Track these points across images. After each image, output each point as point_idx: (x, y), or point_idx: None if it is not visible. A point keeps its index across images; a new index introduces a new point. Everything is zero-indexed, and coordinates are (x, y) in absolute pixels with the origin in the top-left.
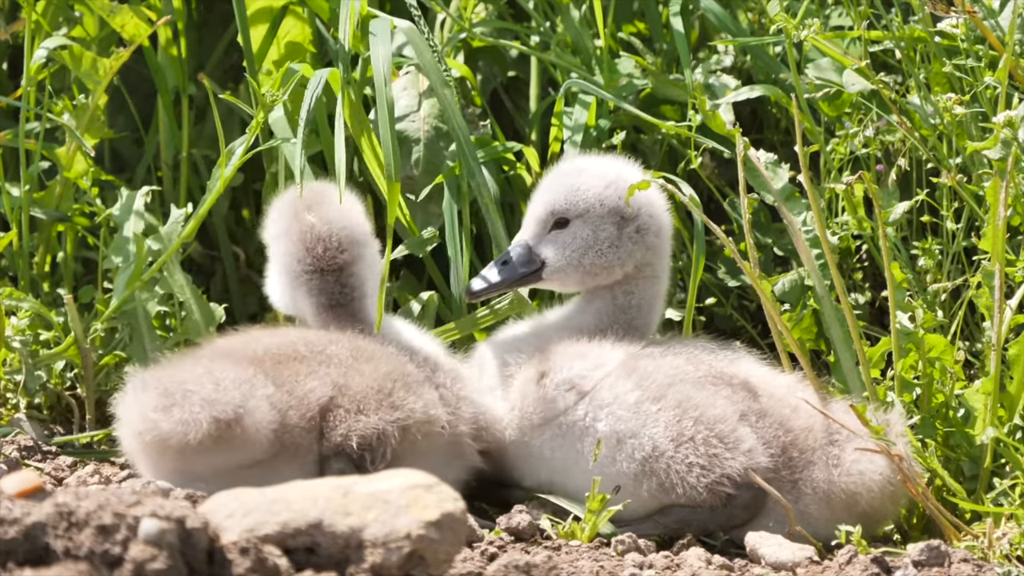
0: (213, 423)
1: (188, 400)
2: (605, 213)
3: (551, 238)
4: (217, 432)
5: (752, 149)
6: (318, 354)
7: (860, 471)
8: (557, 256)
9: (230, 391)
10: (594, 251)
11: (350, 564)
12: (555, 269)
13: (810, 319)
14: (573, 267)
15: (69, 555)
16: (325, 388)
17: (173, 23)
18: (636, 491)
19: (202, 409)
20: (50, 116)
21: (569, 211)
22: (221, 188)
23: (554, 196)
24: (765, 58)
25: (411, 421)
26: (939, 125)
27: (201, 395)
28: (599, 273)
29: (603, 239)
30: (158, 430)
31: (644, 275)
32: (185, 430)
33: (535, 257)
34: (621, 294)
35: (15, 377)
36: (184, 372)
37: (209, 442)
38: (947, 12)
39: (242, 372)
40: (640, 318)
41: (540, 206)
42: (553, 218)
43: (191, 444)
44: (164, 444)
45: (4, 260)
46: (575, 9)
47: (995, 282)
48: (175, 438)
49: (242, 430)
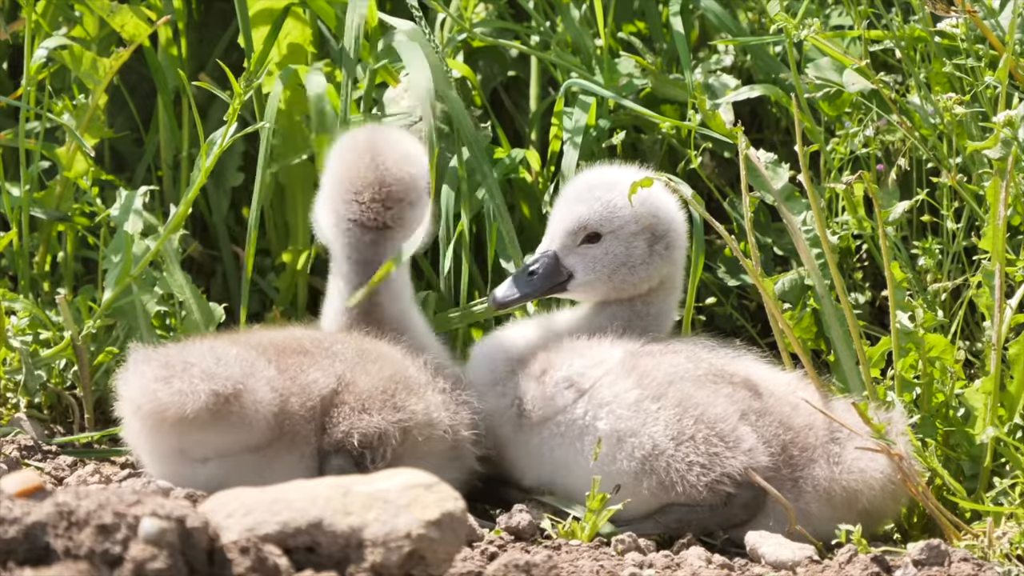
0: (212, 396)
1: (188, 372)
2: (639, 230)
3: (581, 251)
4: (215, 405)
5: (752, 149)
6: (323, 350)
7: (861, 469)
8: (586, 270)
9: (231, 366)
10: (626, 268)
11: (350, 563)
12: (582, 283)
13: (810, 318)
14: (602, 282)
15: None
16: (328, 380)
17: (173, 23)
18: (636, 490)
19: (202, 381)
20: (50, 116)
21: (603, 227)
22: (203, 179)
23: (587, 210)
24: (765, 58)
25: (412, 423)
26: (939, 125)
27: (202, 367)
28: (626, 288)
29: (635, 256)
30: (156, 400)
31: (664, 287)
32: (183, 400)
33: (562, 268)
34: (640, 303)
35: (15, 377)
36: (185, 348)
37: (206, 415)
38: (947, 12)
39: (244, 352)
40: (655, 326)
41: (570, 218)
42: (584, 232)
43: (188, 417)
44: (162, 416)
45: (4, 260)
46: (575, 9)
47: (995, 282)
48: (172, 408)
49: (240, 407)
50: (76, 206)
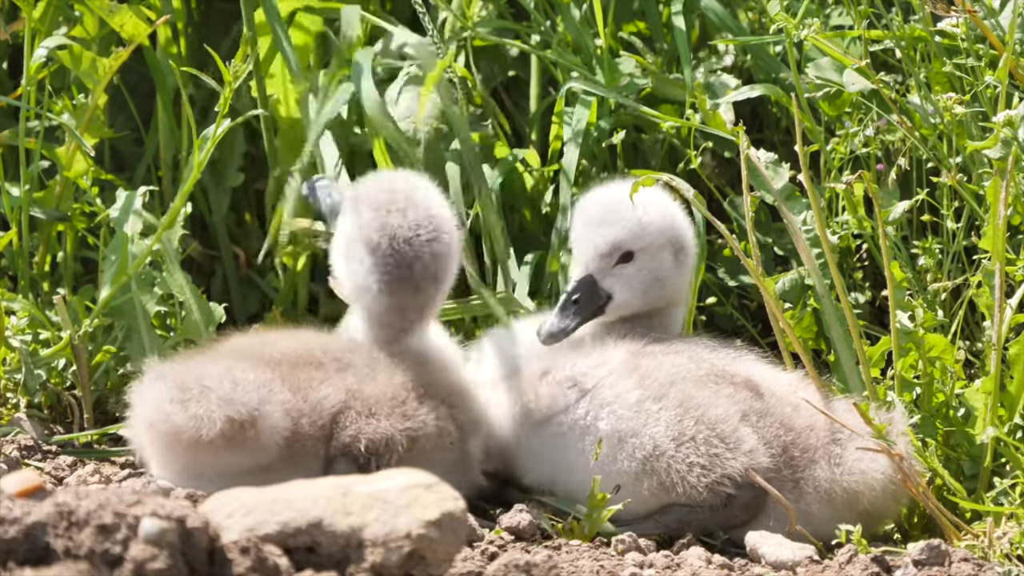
0: (227, 422)
1: (205, 397)
2: (665, 243)
3: (616, 272)
4: (231, 432)
5: (752, 149)
6: (335, 361)
7: (862, 470)
8: (624, 291)
9: (248, 392)
10: (659, 283)
11: (350, 563)
12: (620, 303)
13: (810, 318)
14: (637, 300)
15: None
16: (339, 395)
17: (173, 23)
18: (636, 490)
19: (218, 407)
20: (50, 116)
21: (635, 245)
22: (196, 174)
23: (619, 231)
24: (765, 57)
25: (421, 432)
26: (939, 124)
27: (219, 393)
28: (656, 303)
29: (664, 270)
30: (171, 423)
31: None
32: (198, 426)
33: (600, 291)
34: (656, 316)
35: (15, 376)
36: (202, 368)
37: (221, 441)
38: (947, 11)
39: (260, 374)
40: (665, 333)
41: (602, 241)
42: (619, 253)
43: (202, 441)
44: (176, 438)
45: (4, 260)
46: (576, 8)
47: (995, 281)
48: (188, 433)
49: (255, 433)
50: (76, 206)
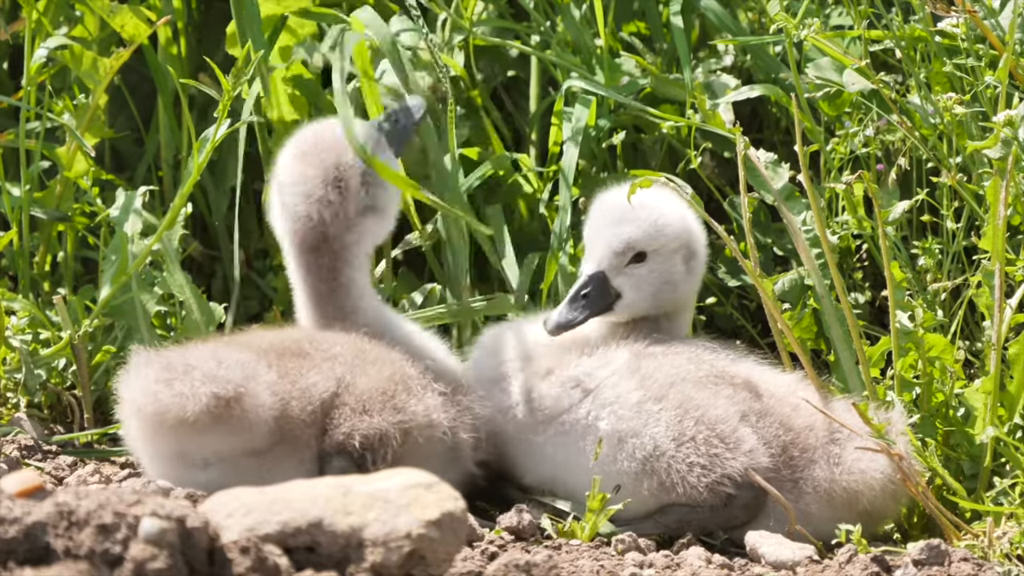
0: (212, 399)
1: (189, 375)
2: (678, 247)
3: (628, 271)
4: (216, 408)
5: (752, 149)
6: (322, 352)
7: (862, 470)
8: (633, 291)
9: (232, 369)
10: (669, 286)
11: (350, 563)
12: (629, 303)
13: (810, 318)
14: (646, 301)
15: (69, 554)
16: (328, 383)
17: (173, 23)
18: (636, 490)
19: (203, 384)
20: (50, 116)
21: (649, 246)
22: (195, 175)
23: (635, 230)
24: (765, 58)
25: (413, 424)
26: (939, 125)
27: (203, 370)
28: (664, 306)
29: (676, 273)
30: (157, 402)
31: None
32: (183, 403)
33: (611, 289)
34: (664, 320)
35: (15, 376)
36: (188, 351)
37: (207, 419)
38: (947, 11)
39: (246, 356)
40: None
41: (617, 239)
42: (632, 252)
43: (188, 419)
44: (162, 418)
45: (4, 260)
46: (575, 8)
47: (995, 281)
48: (173, 411)
49: (241, 410)
50: (76, 206)
